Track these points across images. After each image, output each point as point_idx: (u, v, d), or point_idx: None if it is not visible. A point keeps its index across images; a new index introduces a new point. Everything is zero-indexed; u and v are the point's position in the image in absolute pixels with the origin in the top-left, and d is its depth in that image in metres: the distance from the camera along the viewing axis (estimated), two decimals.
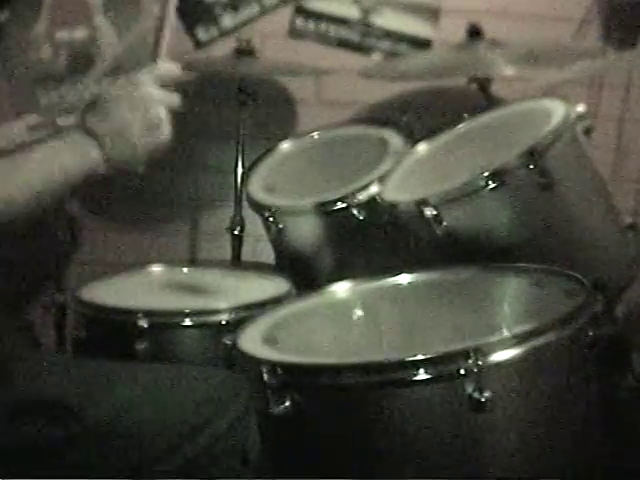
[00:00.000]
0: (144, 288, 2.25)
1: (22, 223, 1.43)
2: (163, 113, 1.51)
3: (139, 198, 3.08)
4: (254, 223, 2.45)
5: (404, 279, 1.97)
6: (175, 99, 1.55)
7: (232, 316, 2.00)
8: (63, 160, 1.45)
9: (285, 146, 2.55)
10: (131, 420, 1.47)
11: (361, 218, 2.17)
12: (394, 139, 2.38)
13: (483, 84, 2.64)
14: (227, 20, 3.04)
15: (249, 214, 2.51)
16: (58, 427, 1.44)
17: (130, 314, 2.01)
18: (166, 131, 1.52)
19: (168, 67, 1.60)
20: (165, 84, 1.55)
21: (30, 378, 1.51)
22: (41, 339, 2.77)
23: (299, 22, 3.05)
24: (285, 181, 2.43)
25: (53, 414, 1.45)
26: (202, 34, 3.05)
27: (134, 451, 1.46)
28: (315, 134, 2.57)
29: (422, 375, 1.53)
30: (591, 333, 1.64)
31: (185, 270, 2.42)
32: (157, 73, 1.56)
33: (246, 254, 2.71)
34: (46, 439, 1.44)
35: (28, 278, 2.88)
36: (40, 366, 1.57)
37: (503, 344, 1.56)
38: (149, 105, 1.51)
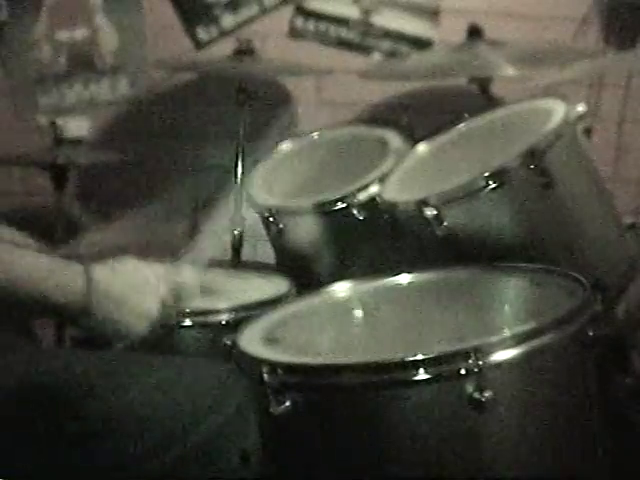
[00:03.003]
0: None
1: None
2: (155, 308, 1.49)
3: (139, 198, 3.08)
4: (254, 223, 2.45)
5: (404, 279, 1.97)
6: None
7: (232, 316, 2.00)
8: (48, 282, 1.41)
9: (285, 146, 2.55)
10: (125, 414, 1.47)
11: (361, 218, 2.16)
12: (394, 139, 2.38)
13: (483, 84, 2.64)
14: (227, 20, 3.04)
15: (249, 214, 2.51)
16: (54, 420, 1.44)
17: None
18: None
19: (189, 276, 1.61)
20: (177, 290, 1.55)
21: (28, 369, 1.52)
22: (41, 339, 2.77)
23: (299, 22, 3.05)
24: (285, 181, 2.43)
25: (50, 406, 1.45)
26: (202, 34, 3.05)
27: (128, 445, 1.45)
28: (315, 134, 2.56)
29: (422, 375, 1.53)
30: (591, 333, 1.63)
31: None
32: (174, 278, 1.56)
33: (246, 254, 2.71)
34: (43, 432, 1.44)
35: None
36: (40, 358, 1.57)
37: (503, 344, 1.56)
38: (146, 295, 1.49)
